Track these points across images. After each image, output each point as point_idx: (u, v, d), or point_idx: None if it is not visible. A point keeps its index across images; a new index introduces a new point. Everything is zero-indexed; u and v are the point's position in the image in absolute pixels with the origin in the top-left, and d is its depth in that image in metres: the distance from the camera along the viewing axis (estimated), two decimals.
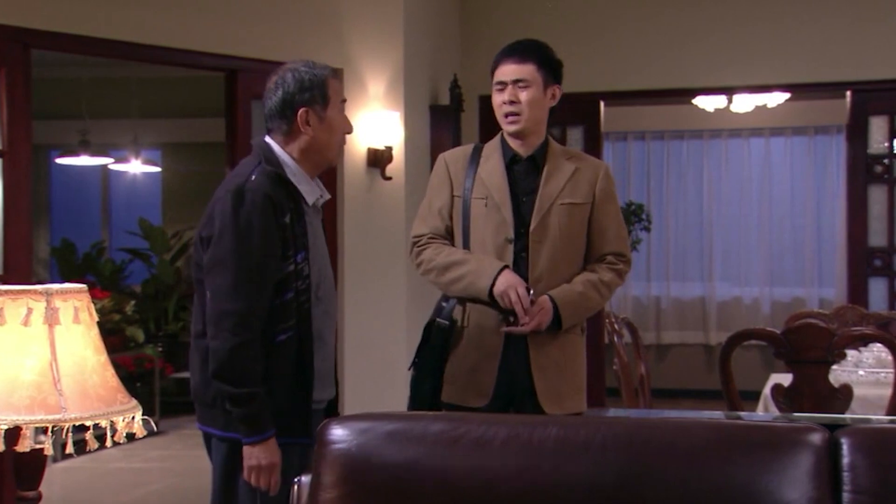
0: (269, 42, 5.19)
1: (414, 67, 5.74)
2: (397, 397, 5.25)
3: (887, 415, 3.44)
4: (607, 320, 5.19)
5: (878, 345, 3.96)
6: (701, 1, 6.66)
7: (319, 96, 2.71)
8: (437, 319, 3.05)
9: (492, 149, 3.16)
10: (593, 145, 6.82)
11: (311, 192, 2.75)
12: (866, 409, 3.77)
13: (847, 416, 3.25)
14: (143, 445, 7.24)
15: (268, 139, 2.75)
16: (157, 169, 9.95)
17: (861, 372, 4.41)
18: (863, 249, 6.47)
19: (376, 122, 5.38)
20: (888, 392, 3.58)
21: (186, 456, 7.40)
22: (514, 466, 2.03)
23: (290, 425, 2.65)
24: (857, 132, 6.52)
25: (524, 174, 3.11)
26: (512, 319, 2.98)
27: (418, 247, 3.13)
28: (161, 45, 4.97)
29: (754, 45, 6.52)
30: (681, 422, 2.30)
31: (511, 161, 3.11)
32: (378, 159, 5.49)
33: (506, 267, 2.98)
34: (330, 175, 4.82)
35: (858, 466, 1.99)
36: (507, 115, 3.08)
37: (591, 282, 3.06)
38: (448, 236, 3.13)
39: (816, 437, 2.03)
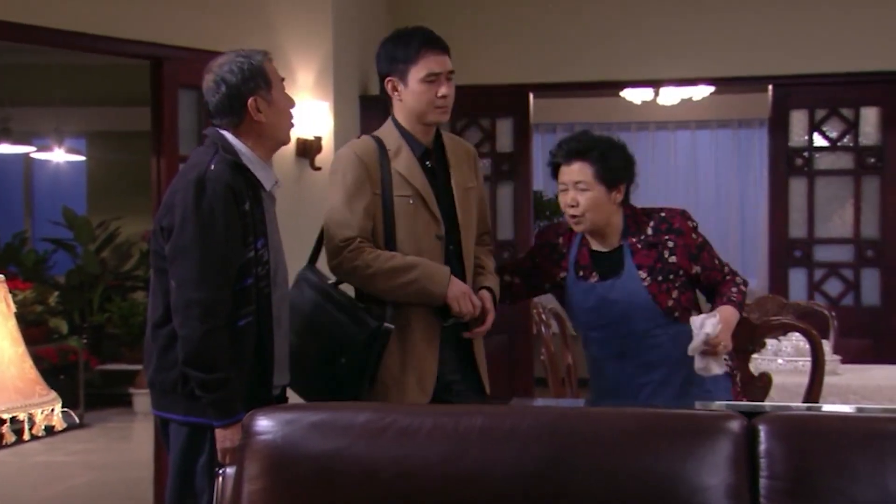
0: (196, 30, 5.12)
1: (343, 57, 5.71)
2: None
3: (804, 402, 3.52)
4: (535, 311, 5.23)
5: (797, 334, 4.05)
6: None
7: (263, 82, 2.77)
8: (385, 324, 2.92)
9: (394, 141, 3.04)
10: (522, 137, 6.86)
11: (268, 178, 2.82)
12: (785, 397, 3.86)
13: (766, 403, 3.32)
14: (67, 439, 7.11)
15: (220, 130, 2.79)
16: (82, 158, 9.76)
17: (780, 360, 4.50)
18: (784, 241, 6.60)
19: (305, 112, 5.35)
20: (806, 380, 3.67)
21: (111, 449, 7.30)
22: (440, 455, 2.04)
23: (251, 408, 2.66)
24: (778, 125, 6.65)
25: (434, 166, 3.07)
26: (451, 322, 2.99)
27: (350, 252, 2.96)
28: (85, 31, 4.87)
29: (680, 39, 6.61)
30: (604, 411, 2.33)
31: (423, 154, 3.06)
32: (307, 149, 5.46)
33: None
34: None
35: (775, 453, 2.05)
36: (440, 107, 3.01)
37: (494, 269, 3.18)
38: (372, 237, 3.00)
39: (735, 425, 2.08)
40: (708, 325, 2.96)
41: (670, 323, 3.05)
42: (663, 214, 3.10)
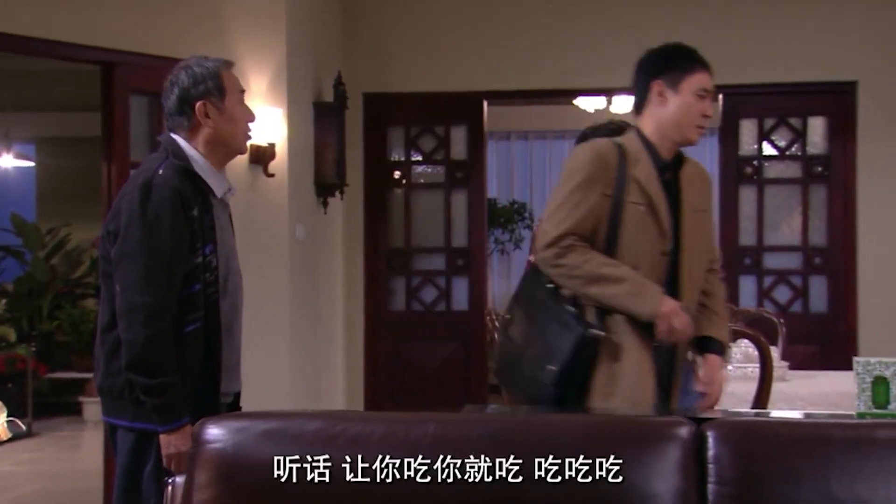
0: (148, 35, 5.08)
1: (297, 64, 5.70)
2: (278, 396, 5.23)
3: (753, 408, 3.57)
4: (489, 318, 5.26)
5: (746, 340, 4.10)
6: (581, 3, 6.79)
7: (215, 88, 2.76)
8: (593, 331, 2.78)
9: (637, 149, 2.91)
10: (477, 144, 6.89)
11: (219, 185, 2.81)
12: (734, 403, 3.90)
13: (716, 409, 3.36)
14: (15, 448, 7.01)
15: (173, 135, 2.78)
16: (31, 164, 9.64)
17: (729, 367, 4.54)
18: (734, 248, 6.69)
19: (259, 118, 5.31)
20: (755, 386, 3.71)
21: (60, 458, 7.20)
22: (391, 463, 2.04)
23: (198, 415, 2.64)
24: (728, 134, 6.75)
25: (669, 181, 2.94)
26: (657, 342, 2.86)
27: (561, 247, 2.81)
28: (34, 36, 4.82)
29: (631, 48, 6.54)
30: (553, 418, 2.35)
31: (661, 168, 2.92)
32: (260, 156, 5.43)
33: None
34: None
35: (723, 458, 2.06)
36: (700, 126, 2.93)
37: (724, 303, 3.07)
38: (589, 237, 2.84)
39: (684, 431, 2.09)
40: None
41: None
42: None
